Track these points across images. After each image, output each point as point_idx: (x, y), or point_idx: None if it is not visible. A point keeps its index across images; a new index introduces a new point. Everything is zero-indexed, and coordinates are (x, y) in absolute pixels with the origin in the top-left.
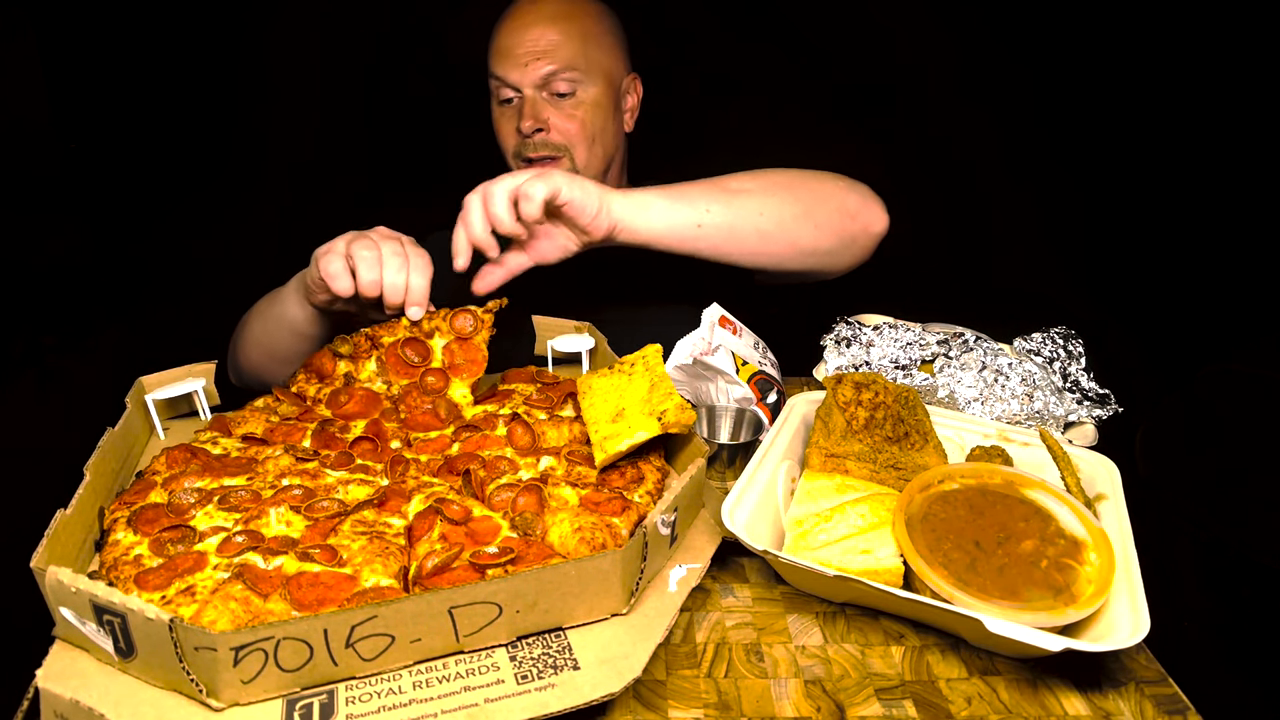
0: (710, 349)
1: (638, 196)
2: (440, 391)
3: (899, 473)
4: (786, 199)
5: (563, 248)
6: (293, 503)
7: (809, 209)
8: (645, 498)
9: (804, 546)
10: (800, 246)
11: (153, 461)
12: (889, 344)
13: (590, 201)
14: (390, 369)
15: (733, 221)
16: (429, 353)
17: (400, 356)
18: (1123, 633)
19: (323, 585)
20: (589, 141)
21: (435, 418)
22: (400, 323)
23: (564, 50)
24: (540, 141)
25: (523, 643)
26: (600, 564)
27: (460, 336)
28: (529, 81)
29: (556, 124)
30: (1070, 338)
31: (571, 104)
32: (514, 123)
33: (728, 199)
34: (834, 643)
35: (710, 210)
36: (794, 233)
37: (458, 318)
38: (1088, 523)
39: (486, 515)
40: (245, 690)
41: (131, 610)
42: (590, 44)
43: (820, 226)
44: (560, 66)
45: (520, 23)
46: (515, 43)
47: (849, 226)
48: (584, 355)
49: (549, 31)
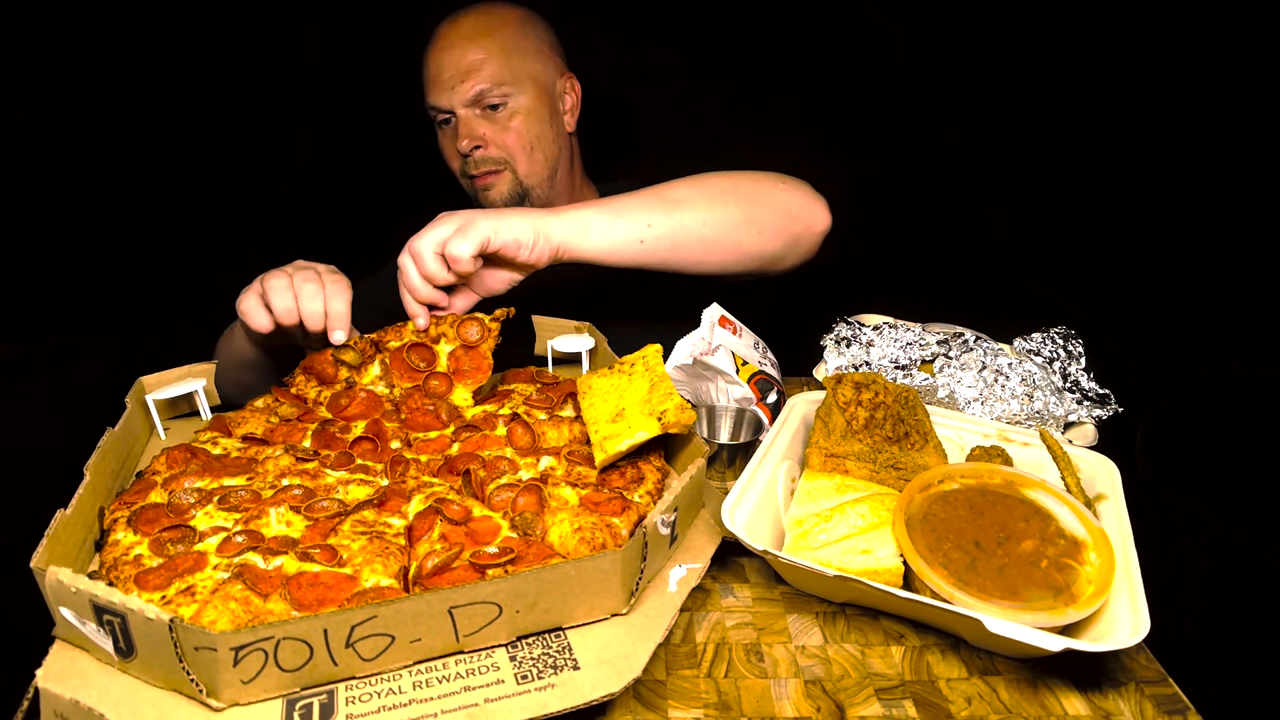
0: (710, 349)
1: (575, 215)
2: (443, 395)
3: (899, 473)
4: (728, 205)
5: (508, 279)
6: (293, 503)
7: (751, 214)
8: (645, 498)
9: (804, 546)
10: (745, 251)
11: (153, 461)
12: (889, 344)
13: (523, 236)
14: (395, 371)
15: (675, 233)
16: (434, 358)
17: (405, 361)
18: (1123, 633)
19: (323, 585)
20: (528, 150)
21: (436, 418)
22: (406, 328)
23: (488, 67)
24: (480, 158)
25: (523, 643)
26: (600, 564)
27: (466, 344)
28: (459, 101)
29: (492, 138)
30: (1070, 338)
31: (504, 116)
32: (455, 144)
33: (668, 210)
34: (834, 643)
35: (651, 224)
36: (737, 238)
37: (465, 326)
38: (1088, 523)
39: (486, 515)
40: (245, 690)
41: (131, 610)
42: (514, 55)
43: (764, 230)
44: (487, 84)
45: (442, 46)
46: (440, 68)
47: (792, 228)
48: (584, 355)
49: (470, 51)
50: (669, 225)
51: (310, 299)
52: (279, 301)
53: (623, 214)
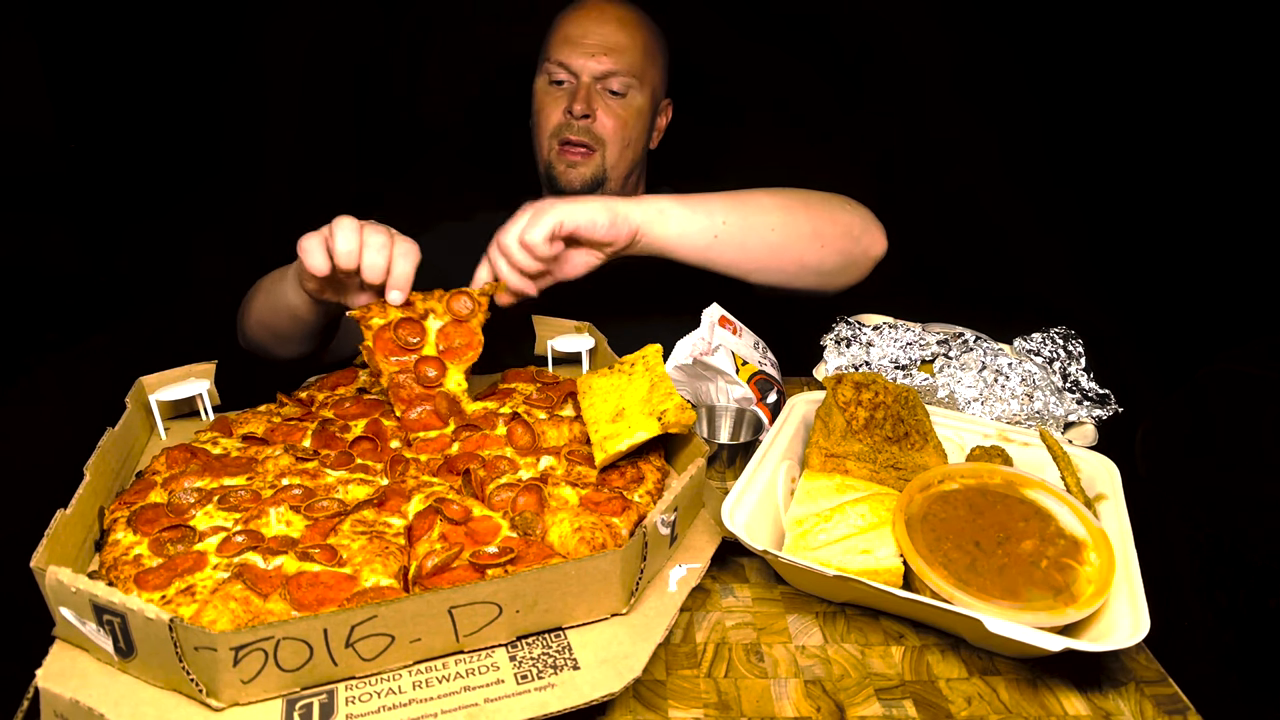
0: (710, 349)
1: (653, 202)
2: (437, 382)
3: (899, 473)
4: (798, 216)
5: (585, 263)
6: (292, 502)
7: (818, 228)
8: (645, 498)
9: (804, 546)
10: (806, 263)
11: (153, 461)
12: (889, 344)
13: (599, 217)
14: (379, 354)
15: (746, 234)
16: (424, 334)
17: (393, 339)
18: (1123, 633)
19: (323, 585)
20: (623, 144)
21: (435, 416)
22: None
23: (629, 55)
24: (584, 128)
25: (523, 643)
26: (600, 564)
27: (457, 319)
28: (590, 71)
29: (602, 117)
30: (1070, 338)
31: (620, 104)
32: (563, 104)
33: (743, 211)
34: (834, 643)
35: (726, 221)
36: (802, 249)
37: (455, 299)
38: (1088, 523)
39: (486, 515)
40: (245, 690)
41: (131, 610)
42: (647, 57)
43: (826, 246)
44: (622, 69)
45: (593, 17)
46: (585, 33)
47: (852, 248)
48: (584, 355)
49: (619, 34)
50: (742, 225)
51: (376, 250)
52: (342, 244)
53: (699, 207)
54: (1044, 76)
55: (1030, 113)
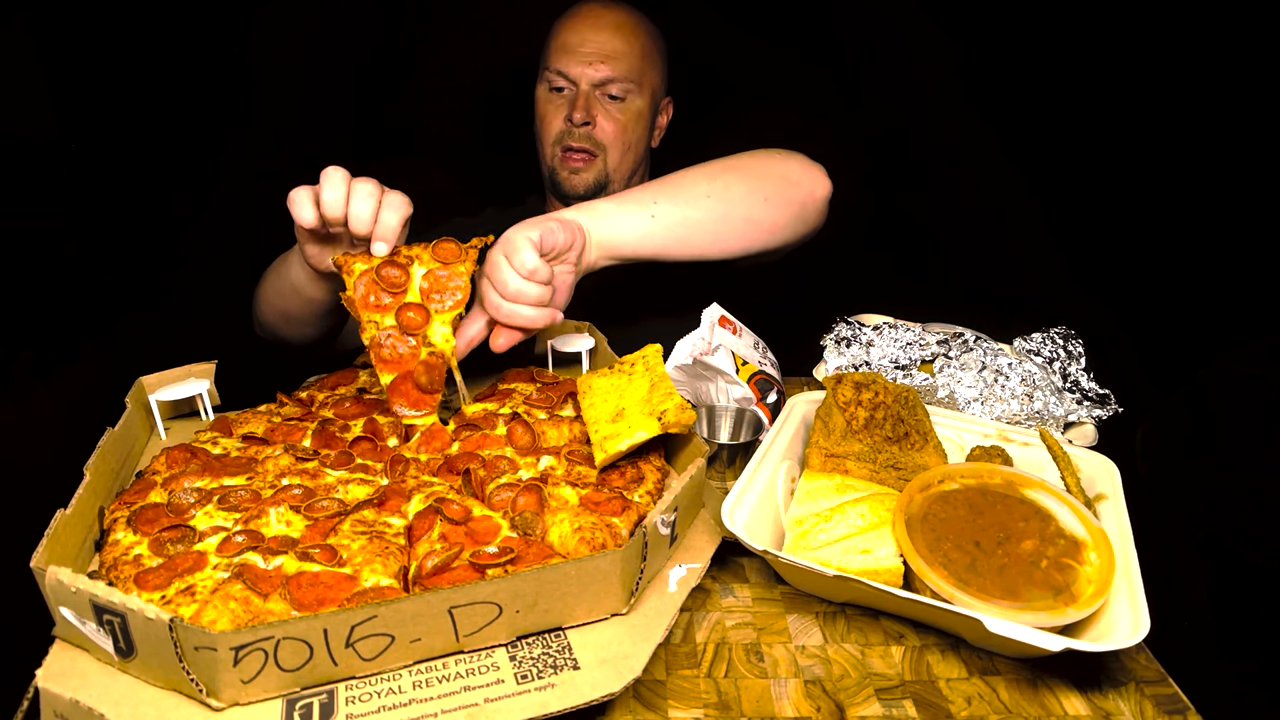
0: (710, 349)
1: (586, 206)
2: (420, 329)
3: (899, 473)
4: (730, 178)
5: (565, 282)
6: (292, 502)
7: (754, 185)
8: (645, 498)
9: (804, 546)
10: (756, 221)
11: (153, 461)
12: (889, 344)
13: (548, 224)
14: (362, 304)
15: (682, 208)
16: (408, 279)
17: (376, 280)
18: (1123, 633)
19: (323, 585)
20: (625, 147)
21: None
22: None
23: (626, 61)
24: (585, 134)
25: (523, 643)
26: (600, 564)
27: (443, 263)
28: (588, 79)
29: (602, 123)
30: (1070, 338)
31: (620, 109)
32: (563, 111)
33: (672, 189)
34: (834, 643)
35: (657, 200)
36: (746, 211)
37: (440, 246)
38: (1088, 523)
39: (486, 515)
40: (245, 690)
41: (131, 610)
42: (645, 60)
43: (770, 199)
44: (619, 75)
45: (589, 24)
46: (582, 41)
47: (796, 194)
48: (584, 355)
49: (615, 40)
50: (673, 201)
51: (362, 200)
52: (329, 193)
53: (627, 197)
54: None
55: (1031, 112)
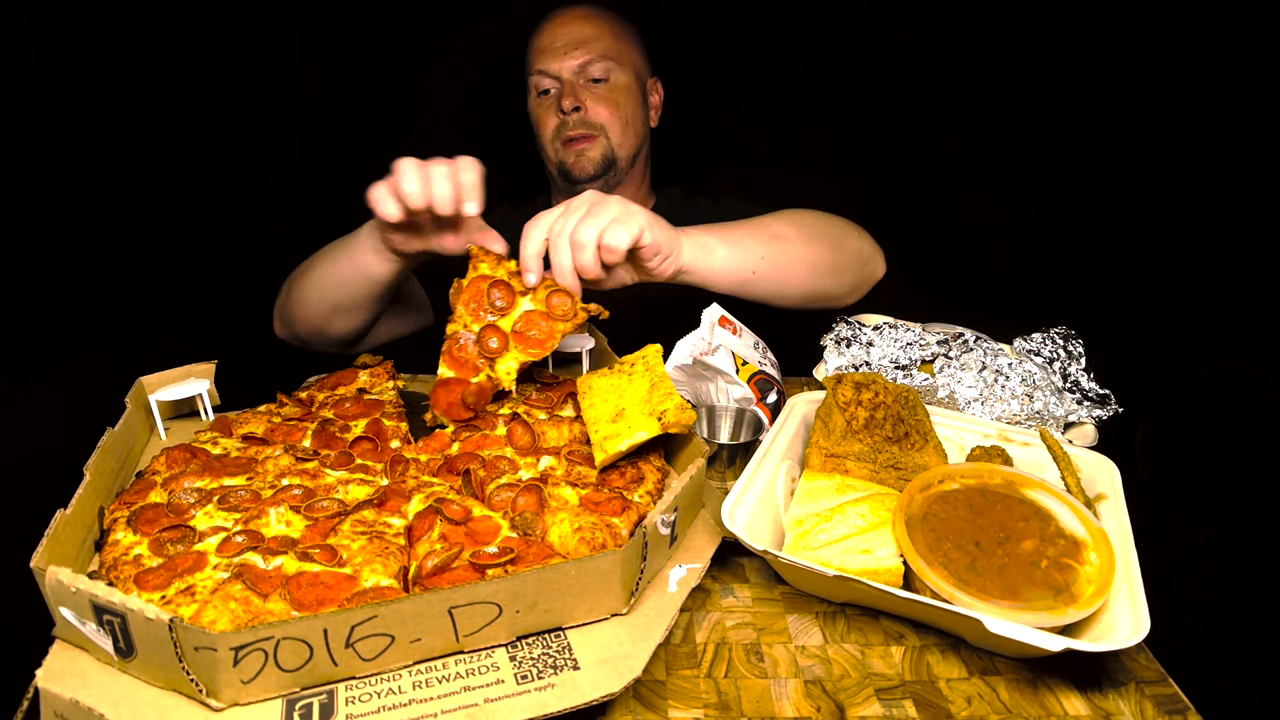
0: (710, 349)
1: (699, 237)
2: (493, 355)
3: (899, 473)
4: (820, 247)
5: (619, 280)
6: (292, 503)
7: (837, 258)
8: (645, 498)
9: (804, 546)
10: (823, 290)
11: (153, 461)
12: (889, 344)
13: (666, 244)
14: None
15: (779, 269)
16: (512, 304)
17: (483, 293)
18: (1123, 633)
19: (323, 585)
20: (623, 123)
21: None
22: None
23: (598, 42)
24: (579, 120)
25: (523, 643)
26: (600, 564)
27: (548, 314)
28: (568, 69)
29: (593, 106)
30: (1070, 338)
31: (605, 89)
32: (553, 110)
33: (777, 247)
34: (834, 643)
35: (764, 257)
36: (821, 278)
37: (556, 295)
38: (1088, 523)
39: (486, 515)
40: (245, 690)
41: (131, 610)
42: (619, 39)
43: (841, 273)
44: (595, 55)
45: (557, 22)
46: (553, 39)
47: (860, 273)
48: (584, 355)
49: (585, 27)
50: (777, 262)
51: (440, 183)
52: (408, 185)
53: (738, 245)
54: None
55: (1031, 113)
